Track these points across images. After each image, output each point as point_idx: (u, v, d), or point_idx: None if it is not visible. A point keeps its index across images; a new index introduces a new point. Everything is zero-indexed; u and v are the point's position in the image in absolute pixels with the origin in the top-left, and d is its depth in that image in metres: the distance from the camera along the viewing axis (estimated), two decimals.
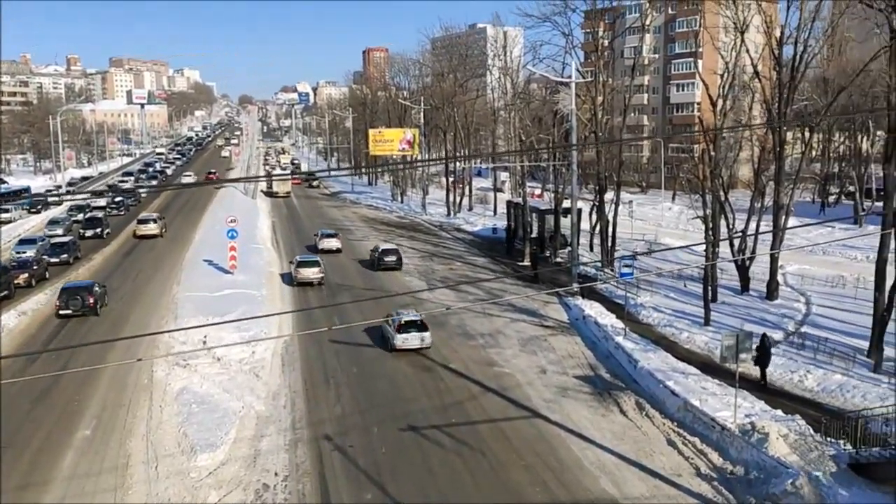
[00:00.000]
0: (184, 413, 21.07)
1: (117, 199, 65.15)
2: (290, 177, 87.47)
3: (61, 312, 31.05)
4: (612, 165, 46.30)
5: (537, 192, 62.89)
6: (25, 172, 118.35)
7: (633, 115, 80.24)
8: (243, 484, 17.51)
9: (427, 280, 40.33)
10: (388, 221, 67.14)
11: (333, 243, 47.22)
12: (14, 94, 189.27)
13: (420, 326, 26.99)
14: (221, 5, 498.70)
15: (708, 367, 24.95)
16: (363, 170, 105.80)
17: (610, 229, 43.85)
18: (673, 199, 72.99)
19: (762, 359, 23.75)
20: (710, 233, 32.62)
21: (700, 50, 71.06)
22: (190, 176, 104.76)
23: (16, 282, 35.98)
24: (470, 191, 75.25)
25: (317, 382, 24.32)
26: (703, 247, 34.23)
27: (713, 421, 19.71)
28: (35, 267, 38.33)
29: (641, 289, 35.59)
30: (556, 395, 23.20)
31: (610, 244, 43.96)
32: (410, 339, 26.90)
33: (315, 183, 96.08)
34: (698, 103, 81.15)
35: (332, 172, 73.43)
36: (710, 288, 31.85)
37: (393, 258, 42.11)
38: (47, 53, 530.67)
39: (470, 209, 72.16)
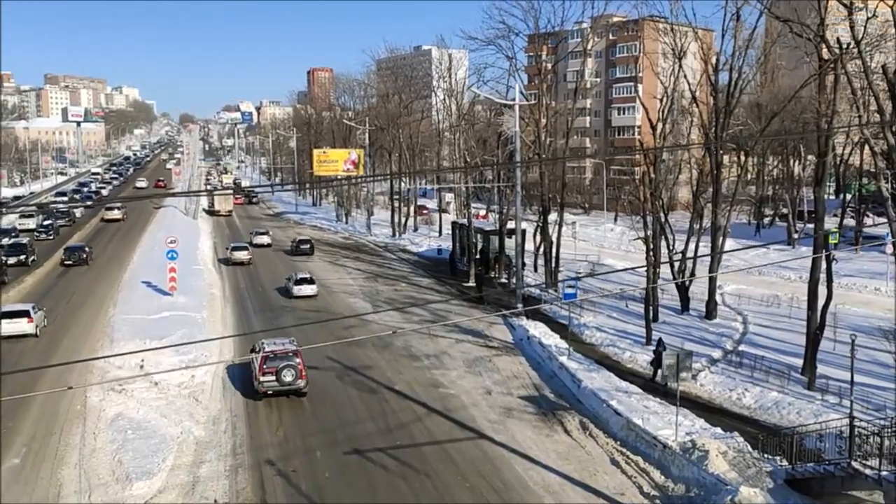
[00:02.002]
0: (119, 440, 20.32)
1: (46, 221, 62.36)
2: (231, 192, 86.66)
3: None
4: (556, 186, 47.07)
5: (482, 212, 63.39)
6: None
7: (575, 137, 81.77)
8: None
9: (372, 301, 40.06)
10: (332, 242, 66.57)
11: (265, 239, 59.34)
12: None
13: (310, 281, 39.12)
14: (162, 22, 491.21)
15: (648, 386, 25.39)
16: (307, 189, 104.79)
17: (554, 250, 44.44)
18: (615, 220, 74.49)
19: (657, 360, 25.81)
20: (651, 253, 33.38)
21: (640, 75, 73.31)
22: (143, 182, 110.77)
23: None
24: (415, 211, 75.35)
25: (259, 406, 23.79)
26: (645, 267, 34.97)
27: (655, 439, 20.03)
28: None
29: (585, 309, 36.12)
30: (501, 415, 23.23)
31: (554, 264, 44.53)
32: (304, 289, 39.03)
33: (255, 200, 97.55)
34: (639, 126, 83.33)
35: (275, 189, 72.83)
36: (651, 308, 32.50)
37: (307, 246, 55.35)
38: None
39: (415, 230, 72.21)
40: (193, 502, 17.45)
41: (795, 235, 57.54)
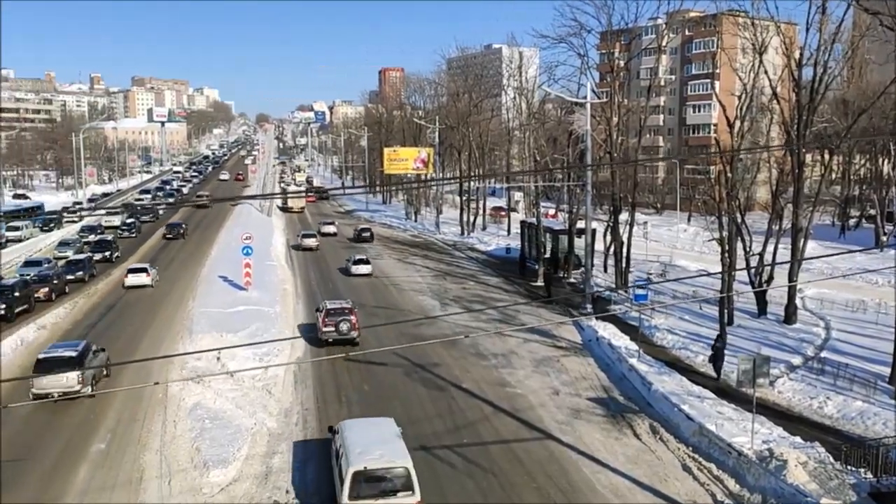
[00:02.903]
0: (197, 428, 21.08)
1: (129, 220, 65.39)
2: (303, 194, 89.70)
3: None
4: (627, 186, 46.26)
5: (551, 212, 62.89)
6: (48, 188, 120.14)
7: (648, 135, 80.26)
8: (255, 500, 17.46)
9: (440, 299, 40.30)
10: (401, 240, 67.30)
11: (331, 229, 67.55)
12: (38, 111, 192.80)
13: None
14: (241, 24, 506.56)
15: (724, 391, 24.67)
16: (377, 188, 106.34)
17: (624, 250, 43.67)
18: (688, 220, 72.66)
19: (716, 357, 26.08)
20: (727, 255, 32.36)
21: (717, 71, 71.05)
22: (225, 174, 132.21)
23: (36, 295, 36.47)
24: (484, 210, 75.34)
25: (329, 400, 24.28)
26: (720, 269, 33.97)
27: (730, 446, 19.43)
28: (55, 282, 38.86)
29: (656, 311, 35.35)
30: (569, 416, 23.00)
31: (624, 265, 43.74)
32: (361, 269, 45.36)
33: (326, 197, 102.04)
34: (715, 124, 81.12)
35: (346, 191, 74.54)
36: (726, 311, 31.55)
37: (367, 234, 63.62)
38: (71, 72, 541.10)
39: (484, 228, 72.20)
40: (266, 492, 17.93)
41: (884, 238, 54.84)
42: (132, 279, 41.35)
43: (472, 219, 71.33)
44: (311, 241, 57.59)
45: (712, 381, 26.00)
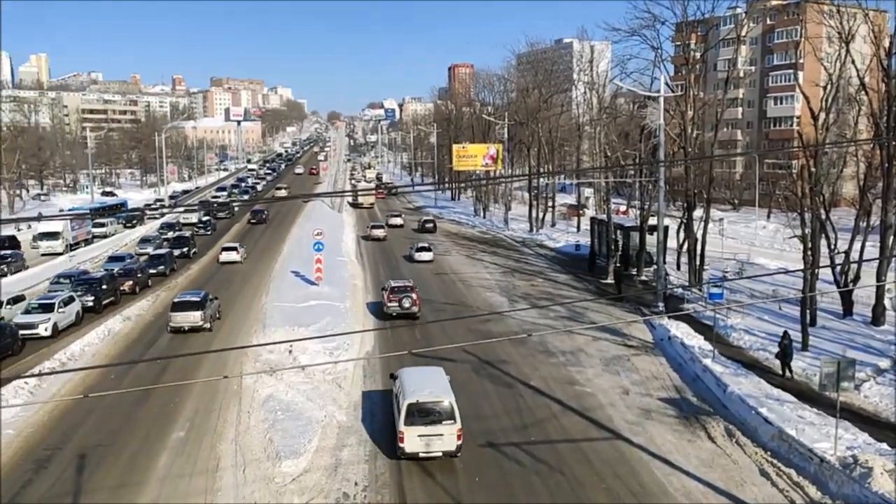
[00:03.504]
0: (270, 419, 21.63)
1: (205, 218, 67.83)
2: (373, 191, 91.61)
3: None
4: (702, 182, 44.90)
5: (622, 208, 61.76)
6: (133, 186, 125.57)
7: (725, 129, 77.76)
8: (324, 492, 17.76)
9: (508, 296, 40.13)
10: (469, 236, 67.37)
11: (398, 220, 72.00)
12: (124, 112, 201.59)
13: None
14: (315, 26, 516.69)
15: (805, 394, 23.67)
16: (446, 185, 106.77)
17: (698, 247, 42.45)
18: (768, 217, 70.16)
19: (785, 354, 25.81)
20: (809, 253, 31.05)
21: (801, 61, 68.28)
22: (300, 168, 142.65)
23: (121, 288, 38.22)
24: (553, 207, 74.62)
25: None
26: (801, 268, 32.64)
27: (811, 452, 18.65)
28: (139, 275, 40.62)
29: (732, 310, 34.22)
30: (640, 417, 22.54)
31: (698, 263, 42.54)
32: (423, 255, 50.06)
33: (395, 193, 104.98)
34: (798, 117, 78.01)
35: (416, 186, 75.68)
36: (808, 311, 30.29)
37: (430, 224, 68.68)
38: (155, 74, 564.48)
39: (553, 225, 71.51)
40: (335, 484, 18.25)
41: None
42: (225, 256, 49.55)
43: (541, 215, 70.74)
44: (379, 232, 62.35)
45: (790, 383, 25.01)
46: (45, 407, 22.62)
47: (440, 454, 18.91)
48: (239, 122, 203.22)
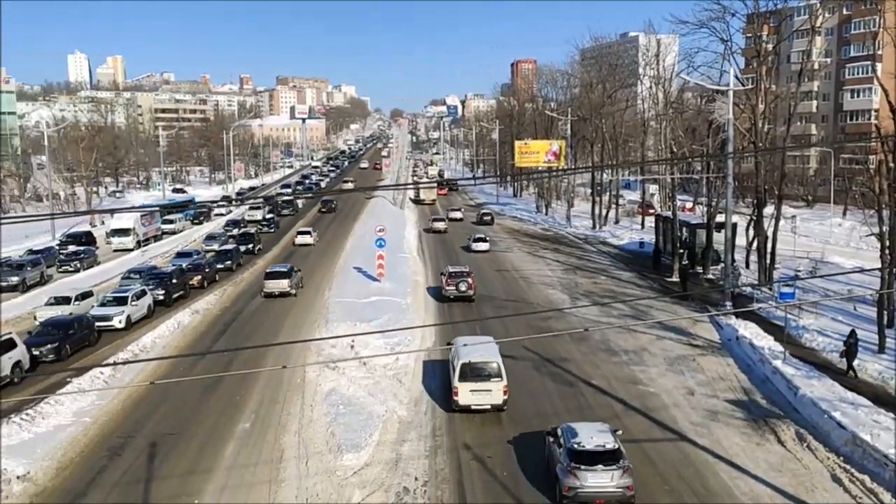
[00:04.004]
0: (332, 413, 21.98)
1: (269, 215, 69.39)
2: (434, 185, 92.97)
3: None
4: (773, 178, 43.42)
5: (688, 205, 60.25)
6: (202, 183, 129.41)
7: (798, 123, 75.13)
8: (385, 486, 17.95)
9: (570, 293, 39.72)
10: (531, 233, 66.96)
11: (458, 214, 75.88)
12: (194, 111, 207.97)
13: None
14: (379, 24, 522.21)
15: (881, 398, 22.66)
16: (507, 179, 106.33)
17: (769, 245, 41.09)
18: (844, 214, 67.41)
19: (850, 353, 25.32)
20: (887, 251, 29.69)
21: (879, 52, 65.28)
22: (365, 163, 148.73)
23: (190, 283, 39.48)
24: (617, 203, 73.45)
25: None
26: (878, 267, 31.20)
27: (886, 458, 17.85)
28: (207, 270, 41.88)
29: (804, 310, 33.01)
30: (705, 418, 21.99)
31: (768, 261, 41.18)
32: (480, 245, 53.91)
33: (456, 188, 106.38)
34: (876, 110, 74.57)
35: (478, 183, 75.89)
36: (885, 312, 28.96)
37: (488, 217, 72.08)
38: (224, 74, 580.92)
39: (616, 222, 70.40)
40: (396, 478, 18.42)
41: None
42: (300, 238, 56.78)
43: (604, 212, 69.75)
44: (440, 225, 66.29)
45: (865, 386, 23.97)
46: (118, 396, 23.57)
47: (489, 407, 21.83)
48: (304, 120, 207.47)
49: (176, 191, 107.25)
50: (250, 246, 53.10)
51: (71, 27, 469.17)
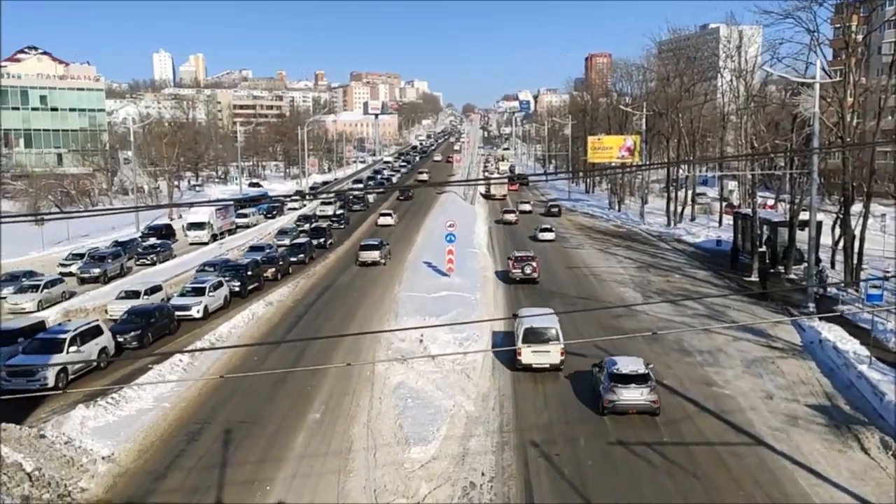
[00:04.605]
0: (400, 406, 22.19)
1: (339, 211, 70.47)
2: (505, 181, 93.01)
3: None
4: (862, 174, 41.37)
5: (769, 202, 57.98)
6: (277, 178, 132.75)
7: (890, 117, 71.22)
8: (452, 480, 18.01)
9: (643, 292, 38.91)
10: (603, 230, 65.92)
11: (527, 207, 78.42)
12: (271, 107, 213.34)
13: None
14: (451, 19, 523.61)
15: None
16: (580, 175, 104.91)
17: (856, 245, 39.19)
18: None
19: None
20: None
21: None
22: (438, 156, 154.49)
23: (265, 275, 40.55)
24: (693, 200, 71.47)
25: (525, 388, 24.40)
26: None
27: None
28: (281, 263, 42.94)
29: (892, 313, 31.34)
30: (784, 423, 21.17)
31: (855, 261, 39.29)
32: (545, 235, 57.39)
33: (527, 183, 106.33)
34: None
35: (549, 180, 75.81)
36: None
37: (556, 209, 76.85)
38: (299, 70, 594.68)
39: (692, 219, 68.54)
40: (463, 472, 18.46)
41: None
42: (382, 220, 65.03)
43: (679, 209, 67.98)
44: (510, 217, 69.98)
45: None
46: (196, 383, 24.42)
47: (548, 366, 24.99)
48: (376, 116, 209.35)
49: (252, 185, 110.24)
50: (322, 240, 54.13)
51: (156, 27, 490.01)
